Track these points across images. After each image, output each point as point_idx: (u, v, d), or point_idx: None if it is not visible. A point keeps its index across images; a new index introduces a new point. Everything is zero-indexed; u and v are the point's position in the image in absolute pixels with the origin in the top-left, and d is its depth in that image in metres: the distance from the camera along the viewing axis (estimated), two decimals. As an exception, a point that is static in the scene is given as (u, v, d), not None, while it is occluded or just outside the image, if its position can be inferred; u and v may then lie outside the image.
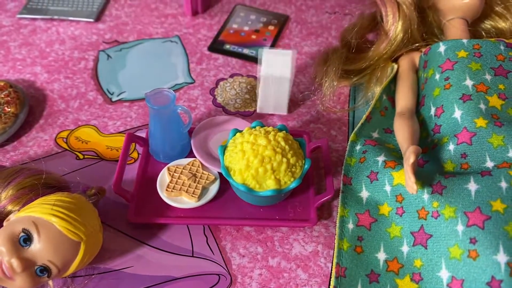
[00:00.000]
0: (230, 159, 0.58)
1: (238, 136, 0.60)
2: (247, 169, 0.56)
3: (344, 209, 0.60)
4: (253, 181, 0.56)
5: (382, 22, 0.77)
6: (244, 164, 0.56)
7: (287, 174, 0.57)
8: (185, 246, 0.61)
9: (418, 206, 0.56)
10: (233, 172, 0.58)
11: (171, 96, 0.61)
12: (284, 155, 0.56)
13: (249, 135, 0.58)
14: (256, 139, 0.57)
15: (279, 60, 0.70)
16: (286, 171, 0.56)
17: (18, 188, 0.57)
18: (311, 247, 0.61)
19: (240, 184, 0.57)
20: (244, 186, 0.56)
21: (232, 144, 0.60)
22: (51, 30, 0.90)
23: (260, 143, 0.57)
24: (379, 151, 0.63)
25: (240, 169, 0.57)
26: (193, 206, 0.61)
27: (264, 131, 0.59)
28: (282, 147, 0.57)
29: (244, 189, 0.56)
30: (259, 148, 0.56)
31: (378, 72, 0.76)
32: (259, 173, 0.56)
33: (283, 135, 0.58)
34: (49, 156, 0.70)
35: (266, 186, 0.57)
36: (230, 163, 0.58)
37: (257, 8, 0.96)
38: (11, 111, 0.72)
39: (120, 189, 0.61)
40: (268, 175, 0.56)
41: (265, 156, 0.56)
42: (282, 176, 0.57)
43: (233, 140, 0.60)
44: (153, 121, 0.63)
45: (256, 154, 0.56)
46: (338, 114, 0.77)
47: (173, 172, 0.63)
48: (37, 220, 0.51)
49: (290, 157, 0.57)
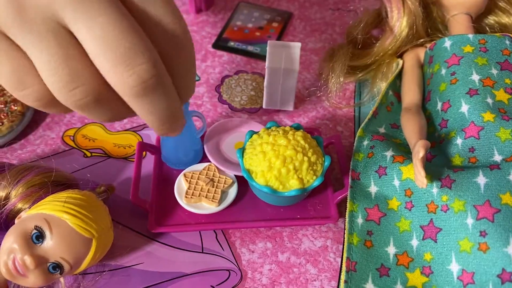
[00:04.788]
0: (250, 161, 0.58)
1: (256, 138, 0.60)
2: (270, 170, 0.56)
3: (353, 204, 0.60)
4: (277, 182, 0.57)
5: (387, 18, 0.77)
6: (266, 166, 0.56)
7: (309, 172, 0.57)
8: (195, 242, 0.61)
9: (427, 200, 0.56)
10: (254, 175, 0.58)
11: None
12: (305, 153, 0.57)
13: (267, 136, 0.59)
14: (275, 140, 0.57)
15: (286, 52, 0.70)
16: (308, 169, 0.57)
17: (28, 185, 0.57)
18: (320, 242, 0.62)
19: (264, 186, 0.57)
20: (268, 188, 0.57)
21: (250, 146, 0.60)
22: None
23: (280, 143, 0.57)
24: (387, 146, 0.63)
25: (263, 171, 0.57)
26: (214, 211, 0.61)
27: (282, 130, 0.59)
28: (302, 145, 0.57)
29: (268, 191, 0.56)
30: (280, 148, 0.57)
31: (383, 68, 0.76)
32: (282, 173, 0.56)
33: (302, 134, 0.59)
34: (56, 154, 0.70)
35: (290, 186, 0.57)
36: (251, 165, 0.58)
37: (261, 5, 0.97)
38: (18, 109, 0.72)
39: (138, 199, 0.61)
40: (291, 175, 0.56)
41: (287, 156, 0.56)
42: (305, 175, 0.57)
43: (251, 142, 0.61)
44: None
45: (277, 155, 0.56)
46: (344, 110, 0.77)
47: (190, 178, 0.63)
48: (49, 217, 0.51)
49: (310, 155, 0.57)
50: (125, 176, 0.67)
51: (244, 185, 0.63)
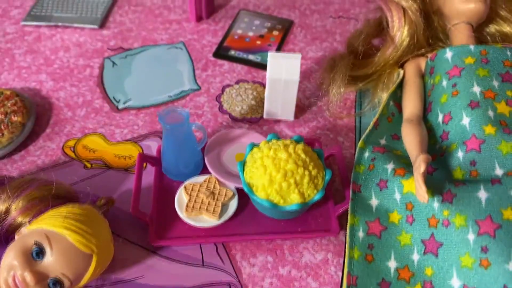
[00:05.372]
0: (251, 174, 0.58)
1: (256, 151, 0.60)
2: (271, 184, 0.56)
3: (354, 217, 0.60)
4: (277, 196, 0.56)
5: (387, 28, 0.77)
6: (267, 180, 0.56)
7: (310, 186, 0.57)
8: (195, 256, 0.61)
9: (428, 214, 0.56)
10: (255, 188, 0.58)
11: (185, 115, 0.61)
12: (305, 167, 0.57)
13: (268, 149, 0.58)
14: (276, 153, 0.57)
15: (286, 63, 0.70)
16: (309, 183, 0.57)
17: (28, 199, 0.57)
18: (321, 255, 0.61)
19: (264, 200, 0.57)
20: (269, 202, 0.56)
21: (251, 159, 0.60)
22: (55, 37, 0.90)
23: (281, 157, 0.57)
24: (388, 158, 0.63)
25: (263, 185, 0.57)
26: (214, 224, 0.60)
27: (283, 144, 0.59)
28: (303, 159, 0.57)
29: (269, 205, 0.56)
30: (280, 162, 0.56)
31: (384, 78, 0.76)
32: (283, 187, 0.56)
33: (303, 147, 0.58)
34: (57, 165, 0.70)
35: (291, 200, 0.57)
36: (252, 178, 0.58)
37: (261, 13, 0.96)
38: (18, 120, 0.72)
39: (139, 212, 0.61)
40: (292, 189, 0.56)
41: (288, 170, 0.56)
42: (306, 189, 0.57)
43: (251, 155, 0.60)
44: (166, 140, 0.63)
45: (278, 169, 0.56)
46: (344, 120, 0.77)
47: (191, 191, 0.63)
48: (49, 233, 0.51)
49: (311, 169, 0.57)
50: (125, 188, 0.67)
51: (245, 197, 0.63)
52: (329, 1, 0.99)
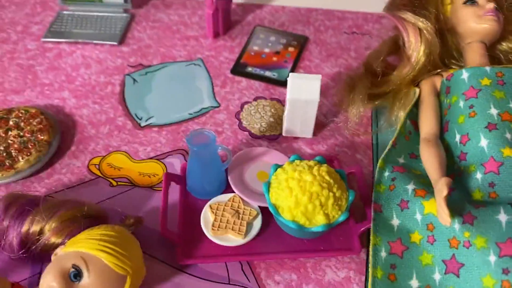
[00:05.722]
0: (276, 196, 0.60)
1: (280, 172, 0.62)
2: (297, 206, 0.58)
3: (376, 237, 0.62)
4: (303, 217, 0.58)
5: (404, 47, 0.79)
6: (293, 202, 0.58)
7: (334, 208, 0.58)
8: (221, 274, 0.63)
9: (449, 235, 0.58)
10: (281, 210, 0.59)
11: (211, 137, 0.63)
12: (330, 189, 0.58)
13: (292, 171, 0.60)
14: (301, 175, 0.59)
15: (307, 84, 0.72)
16: (334, 205, 0.58)
17: (60, 220, 0.59)
18: (343, 273, 0.63)
19: (291, 221, 0.58)
20: (295, 224, 0.58)
21: (276, 181, 0.61)
22: (75, 53, 0.91)
23: (306, 179, 0.58)
24: (408, 179, 0.64)
25: (289, 207, 0.58)
26: (240, 243, 0.62)
27: (307, 165, 0.60)
28: (327, 181, 0.59)
29: (295, 227, 0.58)
30: (306, 184, 0.58)
31: (401, 96, 0.78)
32: (309, 209, 0.58)
33: (327, 169, 0.60)
34: (83, 183, 0.72)
35: (316, 222, 0.59)
36: (277, 200, 0.60)
37: (276, 29, 0.98)
38: (44, 138, 0.74)
39: (168, 232, 0.63)
40: (317, 210, 0.58)
41: (313, 192, 0.58)
42: (330, 211, 0.58)
43: (276, 176, 0.62)
44: (192, 160, 0.65)
45: (304, 191, 0.58)
46: (361, 136, 0.79)
47: (216, 210, 0.65)
48: (85, 255, 0.52)
49: (335, 190, 0.59)
50: (151, 206, 0.69)
51: (268, 216, 0.65)
52: (343, 16, 1.01)
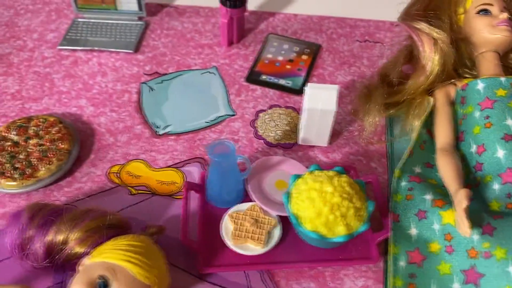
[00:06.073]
0: (297, 206, 0.61)
1: (300, 182, 0.63)
2: (318, 217, 0.59)
3: (395, 246, 0.63)
4: (324, 228, 0.59)
5: (418, 56, 0.79)
6: (314, 212, 0.59)
7: (355, 218, 0.59)
8: (242, 282, 0.64)
9: (467, 246, 0.59)
10: (302, 220, 0.60)
11: (231, 147, 0.64)
12: (350, 200, 0.59)
13: (313, 181, 0.61)
14: (322, 186, 0.60)
15: (324, 94, 0.73)
16: (354, 215, 0.59)
17: (84, 230, 0.59)
18: (361, 282, 0.64)
19: (312, 232, 0.59)
20: (316, 234, 0.59)
21: (296, 191, 0.62)
22: (91, 61, 0.92)
23: (327, 190, 0.59)
24: (425, 188, 0.65)
25: (310, 217, 0.59)
26: (260, 252, 0.63)
27: (327, 176, 0.61)
28: (347, 192, 0.59)
29: (317, 237, 0.59)
30: (326, 195, 0.59)
31: (415, 106, 0.79)
32: (330, 220, 0.59)
33: (347, 179, 0.61)
34: (103, 191, 0.73)
35: (337, 232, 0.59)
36: (298, 210, 0.61)
37: (289, 37, 0.99)
38: (65, 147, 0.75)
39: (188, 240, 0.64)
40: (338, 221, 0.59)
41: (334, 203, 0.59)
42: (351, 221, 0.59)
43: (296, 186, 0.63)
44: (212, 170, 0.66)
45: (325, 202, 0.59)
46: (375, 145, 0.80)
47: (235, 219, 0.65)
48: (112, 266, 0.53)
49: (355, 201, 0.60)
50: (170, 214, 0.70)
51: (286, 225, 0.66)
52: (355, 24, 1.02)
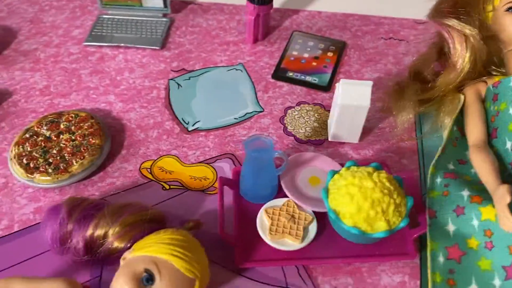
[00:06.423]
0: (335, 202, 0.61)
1: (338, 178, 0.63)
2: (358, 212, 0.59)
3: (433, 242, 0.62)
4: (365, 224, 0.59)
5: (449, 53, 0.79)
6: (355, 208, 0.59)
7: (395, 214, 0.59)
8: (279, 277, 0.64)
9: (508, 242, 0.59)
10: (342, 216, 0.60)
11: (269, 143, 0.63)
12: (391, 195, 0.59)
13: (352, 177, 0.61)
14: (362, 182, 0.60)
15: (358, 90, 0.73)
16: (394, 211, 0.59)
17: (124, 225, 0.60)
18: (398, 277, 0.64)
19: (352, 227, 0.59)
20: (357, 229, 0.59)
21: (334, 186, 0.62)
22: (118, 57, 0.92)
23: (367, 186, 0.59)
24: (461, 185, 0.65)
25: (351, 213, 0.59)
26: (297, 247, 0.63)
27: (366, 171, 0.61)
28: (387, 188, 0.59)
29: (357, 232, 0.59)
30: (367, 191, 0.59)
31: (446, 103, 0.78)
32: (370, 216, 0.58)
33: (386, 175, 0.61)
34: (136, 186, 0.73)
35: (377, 228, 0.59)
36: (337, 206, 0.61)
37: (314, 34, 0.99)
38: (97, 142, 0.75)
39: (226, 235, 0.64)
40: (379, 217, 0.59)
41: (375, 198, 0.58)
42: (391, 217, 0.59)
43: (333, 182, 0.63)
44: (248, 165, 0.66)
45: (365, 197, 0.58)
46: (406, 142, 0.80)
47: (271, 214, 0.65)
48: (156, 259, 0.53)
49: (395, 197, 0.59)
50: (205, 209, 0.70)
51: (322, 220, 0.66)
52: (379, 22, 1.02)
